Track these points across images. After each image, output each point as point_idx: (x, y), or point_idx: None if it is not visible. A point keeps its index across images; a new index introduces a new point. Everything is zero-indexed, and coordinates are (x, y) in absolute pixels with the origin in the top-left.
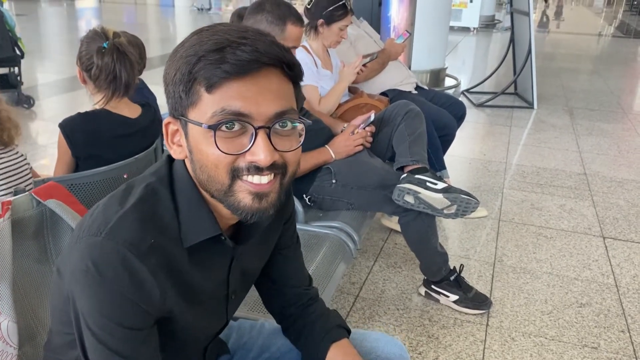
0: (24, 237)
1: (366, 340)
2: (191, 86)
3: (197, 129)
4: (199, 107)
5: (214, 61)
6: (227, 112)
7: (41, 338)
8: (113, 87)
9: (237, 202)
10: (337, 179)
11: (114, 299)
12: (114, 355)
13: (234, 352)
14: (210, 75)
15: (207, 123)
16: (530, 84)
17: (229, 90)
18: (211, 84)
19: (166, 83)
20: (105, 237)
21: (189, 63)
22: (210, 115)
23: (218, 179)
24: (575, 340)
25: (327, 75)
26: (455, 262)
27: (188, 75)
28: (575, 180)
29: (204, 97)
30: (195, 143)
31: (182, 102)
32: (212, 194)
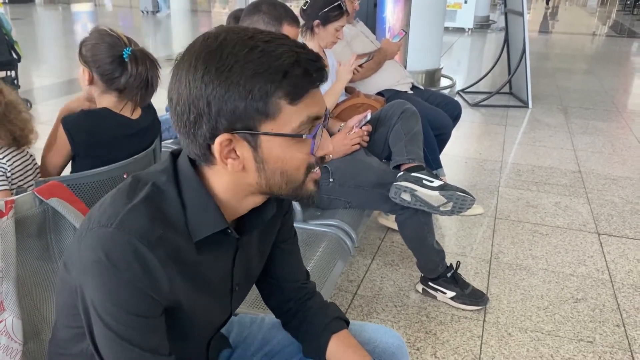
0: (27, 236)
1: (364, 331)
2: (269, 100)
3: (279, 139)
4: (281, 119)
5: (301, 74)
6: (312, 119)
7: (45, 335)
8: (142, 93)
9: (305, 191)
10: (335, 178)
11: (125, 287)
12: (123, 342)
13: (235, 346)
14: (298, 89)
15: (296, 131)
16: (525, 84)
17: (309, 99)
18: (298, 96)
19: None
20: (116, 228)
21: (273, 80)
22: (297, 125)
23: (297, 178)
24: (571, 335)
25: None
26: (452, 259)
27: (274, 91)
28: (570, 178)
29: (287, 108)
30: (274, 153)
31: (257, 116)
32: (279, 194)
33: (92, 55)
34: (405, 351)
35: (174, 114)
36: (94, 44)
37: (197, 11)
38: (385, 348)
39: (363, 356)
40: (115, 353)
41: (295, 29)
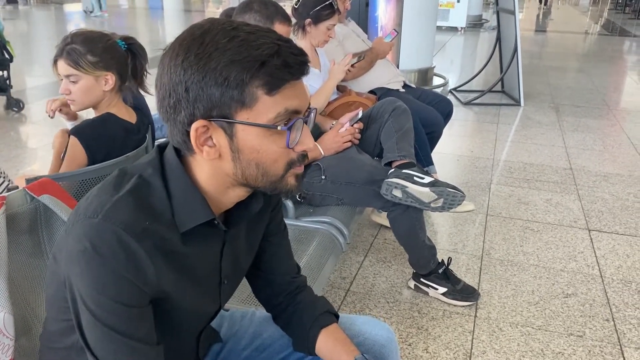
0: (19, 232)
1: (354, 324)
2: (246, 89)
3: (254, 129)
4: (257, 109)
5: (279, 66)
6: (290, 112)
7: (36, 330)
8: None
9: (285, 186)
10: (327, 175)
11: (111, 277)
12: (110, 331)
13: (226, 340)
14: (275, 80)
15: (272, 123)
16: (517, 82)
17: (288, 91)
18: (275, 87)
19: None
20: (102, 218)
21: (249, 68)
22: (273, 116)
23: (274, 172)
24: (561, 330)
25: (315, 74)
26: (443, 255)
27: (249, 79)
28: (561, 175)
29: (264, 99)
30: (248, 143)
31: (233, 104)
32: (253, 186)
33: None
34: (395, 343)
35: (158, 99)
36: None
37: (190, 11)
38: (375, 340)
39: (350, 351)
40: (102, 342)
41: (286, 27)
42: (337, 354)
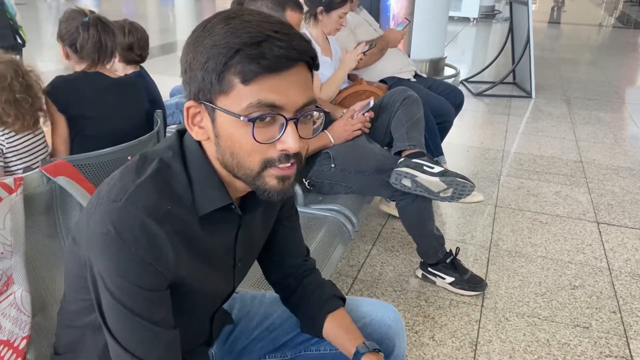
0: (35, 213)
1: (361, 306)
2: (224, 76)
3: (229, 118)
4: (232, 97)
5: (253, 56)
6: (263, 104)
7: (52, 308)
8: (98, 55)
9: (264, 185)
10: (336, 164)
11: (132, 260)
12: (129, 313)
13: (237, 321)
14: (247, 70)
15: (243, 113)
16: (529, 74)
17: (265, 83)
18: (248, 78)
19: (191, 67)
20: (125, 203)
21: (224, 54)
22: (245, 106)
23: (248, 165)
24: (567, 321)
25: (327, 62)
26: (451, 246)
27: (223, 66)
28: (572, 168)
29: (239, 87)
30: (224, 130)
31: (213, 89)
32: (236, 176)
33: (59, 33)
34: (401, 324)
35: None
36: (64, 21)
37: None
38: (380, 321)
39: (354, 338)
40: (122, 324)
41: (298, 15)
42: (341, 341)
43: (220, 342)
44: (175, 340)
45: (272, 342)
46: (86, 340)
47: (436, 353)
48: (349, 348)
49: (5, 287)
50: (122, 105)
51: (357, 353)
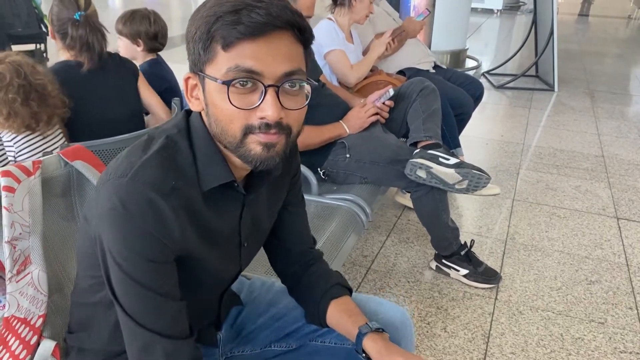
0: (53, 195)
1: (369, 303)
2: (209, 44)
3: (213, 84)
4: (215, 64)
5: (230, 22)
6: (240, 69)
7: (67, 289)
8: (88, 56)
9: (248, 152)
10: (351, 154)
11: (139, 234)
12: (137, 285)
13: (245, 304)
14: (226, 35)
15: (222, 79)
16: (552, 67)
17: (243, 49)
18: (227, 43)
19: (187, 40)
20: (131, 178)
21: (208, 23)
22: (225, 71)
23: (231, 132)
24: (582, 316)
25: (350, 47)
26: (467, 238)
27: (207, 34)
28: (592, 162)
29: (220, 54)
30: (210, 97)
31: (201, 58)
32: (224, 145)
33: (50, 14)
34: (410, 326)
35: None
36: (56, 4)
37: None
38: (388, 322)
39: (357, 320)
40: (130, 296)
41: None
42: (344, 325)
43: (227, 326)
44: (182, 311)
45: (277, 331)
46: (97, 317)
47: (447, 344)
48: (352, 330)
49: (23, 267)
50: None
51: (360, 334)
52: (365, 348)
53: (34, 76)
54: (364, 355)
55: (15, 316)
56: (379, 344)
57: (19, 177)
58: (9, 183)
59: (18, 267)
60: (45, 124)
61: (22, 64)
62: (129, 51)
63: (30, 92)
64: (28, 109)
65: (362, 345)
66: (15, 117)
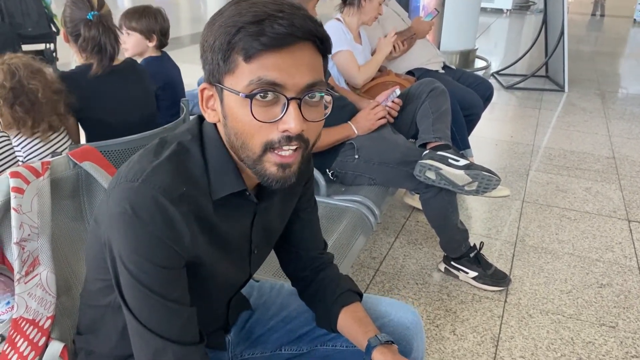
0: (62, 197)
1: (380, 305)
2: (229, 55)
3: (234, 96)
4: (236, 75)
5: (253, 33)
6: (263, 82)
7: (76, 290)
8: (99, 58)
9: (263, 171)
10: (360, 155)
11: (149, 239)
12: (146, 290)
13: (254, 309)
14: (248, 47)
15: (244, 91)
16: (562, 67)
17: (266, 61)
18: (249, 55)
19: (204, 50)
20: (142, 183)
21: (228, 33)
22: (247, 83)
23: (251, 147)
24: (593, 319)
25: (358, 48)
26: (476, 240)
27: (227, 45)
28: (603, 164)
29: (242, 65)
30: (230, 110)
31: (220, 69)
32: (241, 159)
33: (63, 16)
34: (420, 326)
35: None
36: (69, 6)
37: None
38: (399, 322)
39: (367, 331)
40: (140, 301)
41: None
42: (354, 334)
43: (237, 329)
44: (192, 317)
45: (288, 334)
46: (106, 320)
47: (456, 347)
48: (362, 340)
49: (32, 268)
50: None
51: (370, 345)
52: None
53: (28, 80)
54: None
55: (23, 317)
56: (388, 357)
57: (28, 178)
58: (18, 184)
59: (27, 269)
60: (31, 128)
61: (19, 67)
62: (139, 47)
63: (19, 95)
64: (13, 112)
65: (371, 358)
66: (1, 117)
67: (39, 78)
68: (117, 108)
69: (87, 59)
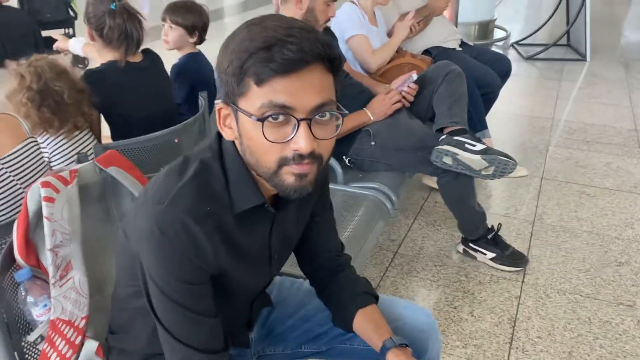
0: (90, 201)
1: (396, 307)
2: (242, 78)
3: (247, 118)
4: (249, 98)
5: (263, 59)
6: (274, 105)
7: (107, 289)
8: (126, 45)
9: (282, 182)
10: (376, 141)
11: (176, 257)
12: (174, 304)
13: (275, 304)
14: (259, 72)
15: (255, 114)
16: (584, 35)
17: (276, 85)
18: (260, 80)
19: (219, 72)
20: (168, 205)
21: (240, 58)
22: (258, 106)
23: (266, 164)
24: (610, 298)
25: (373, 30)
26: (495, 220)
27: (239, 69)
28: (625, 137)
29: (253, 89)
30: (244, 130)
31: (234, 91)
32: (258, 174)
33: (86, 14)
34: (435, 329)
35: None
36: (91, 3)
37: None
38: (414, 324)
39: (382, 333)
40: (168, 313)
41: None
42: (370, 335)
43: (258, 326)
44: (217, 327)
45: (306, 333)
46: (137, 322)
47: (474, 328)
48: (377, 342)
49: (65, 272)
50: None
51: (384, 347)
52: None
53: (53, 82)
54: None
55: (60, 319)
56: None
57: (58, 187)
58: (49, 194)
59: (60, 273)
60: (58, 128)
61: (45, 69)
62: (180, 42)
63: (46, 97)
64: (40, 114)
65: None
66: (28, 119)
67: (64, 79)
68: (141, 103)
69: (114, 50)
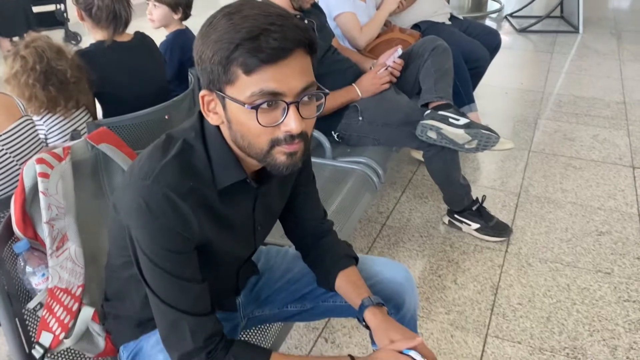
0: (83, 177)
1: (374, 265)
2: (229, 68)
3: (236, 105)
4: (237, 86)
5: (250, 50)
6: (265, 93)
7: (101, 260)
8: (114, 25)
9: (274, 161)
10: (364, 117)
11: (161, 229)
12: (162, 272)
13: (262, 273)
14: (248, 62)
15: (247, 102)
16: (577, 7)
17: (265, 73)
18: (249, 69)
19: (202, 60)
20: (153, 181)
21: (227, 49)
22: (249, 94)
23: (258, 146)
24: (589, 267)
25: (361, 6)
26: (481, 192)
27: (226, 60)
28: (613, 110)
29: (242, 78)
30: (234, 116)
31: (220, 78)
32: (249, 155)
33: None
34: (412, 282)
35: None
36: None
37: None
38: (391, 279)
39: (360, 293)
40: (157, 280)
41: None
42: (349, 295)
43: (246, 291)
44: (203, 292)
45: (292, 294)
46: (130, 289)
47: (457, 296)
48: (356, 301)
49: (61, 244)
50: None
51: (362, 305)
52: (366, 319)
53: (56, 62)
54: (364, 324)
55: (58, 287)
56: (379, 317)
57: (52, 163)
58: (44, 169)
59: (57, 244)
60: (64, 107)
61: (45, 49)
62: (164, 19)
63: (50, 77)
64: (47, 94)
65: (363, 317)
66: (35, 100)
67: (64, 58)
68: (132, 83)
69: (103, 29)
